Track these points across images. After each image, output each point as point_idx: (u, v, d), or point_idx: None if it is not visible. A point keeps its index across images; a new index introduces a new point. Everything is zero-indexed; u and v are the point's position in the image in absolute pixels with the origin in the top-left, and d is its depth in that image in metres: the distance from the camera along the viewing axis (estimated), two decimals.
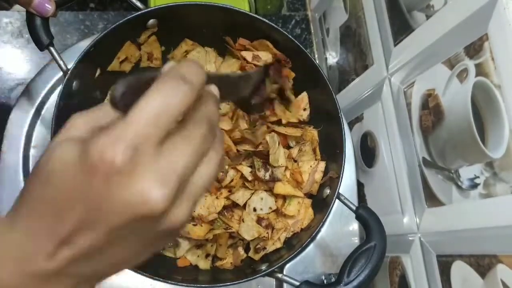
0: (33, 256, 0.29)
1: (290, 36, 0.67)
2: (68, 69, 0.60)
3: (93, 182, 0.27)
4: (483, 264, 0.55)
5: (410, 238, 0.69)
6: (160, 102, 0.28)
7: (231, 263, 0.69)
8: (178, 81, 0.29)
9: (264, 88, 0.57)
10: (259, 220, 0.69)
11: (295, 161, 0.73)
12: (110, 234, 0.28)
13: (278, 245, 0.69)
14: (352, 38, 0.84)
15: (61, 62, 0.60)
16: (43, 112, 0.74)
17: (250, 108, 0.57)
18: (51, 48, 0.60)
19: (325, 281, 0.73)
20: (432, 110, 0.63)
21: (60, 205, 0.28)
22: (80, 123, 0.30)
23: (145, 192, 0.27)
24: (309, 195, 0.71)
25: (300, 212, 0.70)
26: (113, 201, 0.27)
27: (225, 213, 0.70)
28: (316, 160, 0.72)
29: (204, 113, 0.32)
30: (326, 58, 0.97)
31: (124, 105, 0.29)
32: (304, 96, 0.74)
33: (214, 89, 0.36)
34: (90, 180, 0.27)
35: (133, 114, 0.27)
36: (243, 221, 0.68)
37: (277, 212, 0.70)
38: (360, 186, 0.84)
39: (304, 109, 0.74)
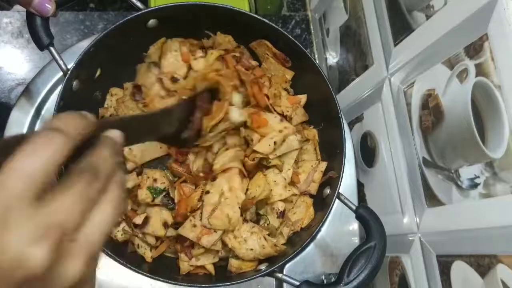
0: None
1: (290, 36, 0.67)
2: (68, 69, 0.60)
3: None
4: (483, 264, 0.55)
5: (410, 238, 0.69)
6: (29, 157, 0.27)
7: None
8: (50, 134, 0.28)
9: (195, 121, 0.57)
10: None
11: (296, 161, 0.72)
12: None
13: (282, 240, 0.69)
14: (352, 38, 0.85)
15: (61, 62, 0.60)
16: (43, 112, 0.74)
17: (181, 143, 0.56)
18: (51, 48, 0.60)
19: (325, 281, 0.73)
20: (432, 110, 0.63)
21: None
22: None
23: (20, 252, 0.25)
24: (309, 195, 0.71)
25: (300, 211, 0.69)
26: None
27: None
28: (317, 160, 0.72)
29: (90, 161, 0.31)
30: (326, 58, 0.97)
31: None
32: (303, 97, 0.74)
33: (113, 133, 0.35)
34: None
35: (2, 174, 0.26)
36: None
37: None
38: (360, 186, 0.84)
39: (297, 107, 0.73)
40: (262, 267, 0.64)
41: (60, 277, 0.27)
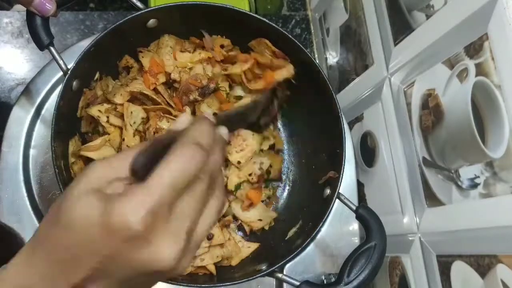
0: None
1: (290, 36, 0.67)
2: (68, 69, 0.60)
3: (111, 241, 0.29)
4: (483, 264, 0.55)
5: (410, 238, 0.69)
6: (177, 170, 0.30)
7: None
8: (193, 149, 0.32)
9: (273, 109, 0.61)
10: None
11: None
12: (120, 285, 0.30)
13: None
14: (352, 38, 0.85)
15: (61, 62, 0.60)
16: (43, 112, 0.74)
17: (258, 128, 0.60)
18: (51, 48, 0.60)
19: (325, 281, 0.73)
20: (432, 110, 0.63)
21: (77, 254, 0.30)
22: (100, 172, 0.32)
23: (159, 252, 0.30)
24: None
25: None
26: (127, 259, 0.29)
27: None
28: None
29: (208, 167, 0.33)
30: (326, 58, 0.97)
31: (142, 172, 0.31)
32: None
33: (223, 131, 0.38)
34: (109, 239, 0.29)
35: (153, 181, 0.30)
36: None
37: None
38: (360, 186, 0.84)
39: None
40: (263, 267, 0.64)
41: (178, 271, 0.32)
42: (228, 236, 0.70)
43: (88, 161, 0.67)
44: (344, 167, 0.65)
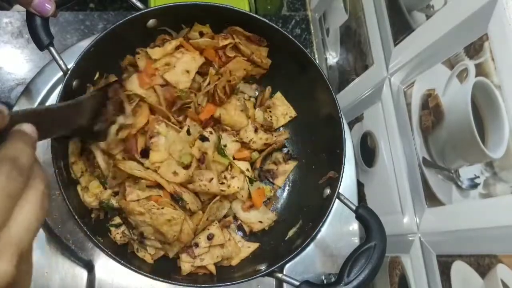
0: None
1: (290, 36, 0.67)
2: (68, 69, 0.60)
3: None
4: (483, 264, 0.55)
5: (410, 238, 0.69)
6: None
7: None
8: None
9: (106, 112, 0.56)
10: None
11: None
12: None
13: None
14: (352, 38, 0.85)
15: (61, 62, 0.60)
16: None
17: (92, 137, 0.55)
18: (51, 48, 0.60)
19: (325, 281, 0.73)
20: (432, 110, 0.63)
21: None
22: None
23: None
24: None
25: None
26: None
27: None
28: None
29: (5, 152, 0.30)
30: (326, 58, 0.97)
31: None
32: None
33: (25, 127, 0.35)
34: None
35: None
36: None
37: None
38: (360, 186, 0.84)
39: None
40: (262, 267, 0.64)
41: None
42: (228, 236, 0.70)
43: (89, 160, 0.67)
44: (344, 167, 0.65)
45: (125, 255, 0.66)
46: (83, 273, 0.69)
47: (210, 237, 0.68)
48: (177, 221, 0.63)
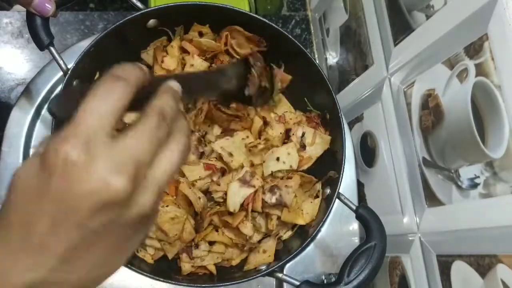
0: (14, 271, 0.29)
1: (290, 36, 0.67)
2: (68, 69, 0.60)
3: (52, 180, 0.28)
4: (483, 264, 0.55)
5: (410, 238, 0.69)
6: (99, 100, 0.30)
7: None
8: (112, 80, 0.32)
9: (253, 76, 0.58)
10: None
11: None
12: (81, 229, 0.29)
13: (290, 233, 0.69)
14: (352, 38, 0.85)
15: (61, 62, 0.60)
16: (43, 112, 0.74)
17: (250, 102, 0.58)
18: (51, 48, 0.60)
19: (325, 281, 0.73)
20: (432, 110, 0.63)
21: (27, 213, 0.29)
22: (42, 143, 0.31)
23: (104, 179, 0.28)
24: None
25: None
26: (75, 194, 0.28)
27: None
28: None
29: (154, 106, 0.33)
30: (326, 58, 0.97)
31: (68, 116, 0.30)
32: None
33: (172, 83, 0.38)
34: (49, 179, 0.28)
35: (77, 115, 0.29)
36: None
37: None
38: (360, 186, 0.84)
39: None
40: (263, 267, 0.64)
41: (134, 206, 0.30)
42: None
43: None
44: (344, 167, 0.65)
45: None
46: None
47: (211, 243, 0.68)
48: (179, 220, 0.63)
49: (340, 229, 0.77)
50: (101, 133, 0.29)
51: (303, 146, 0.71)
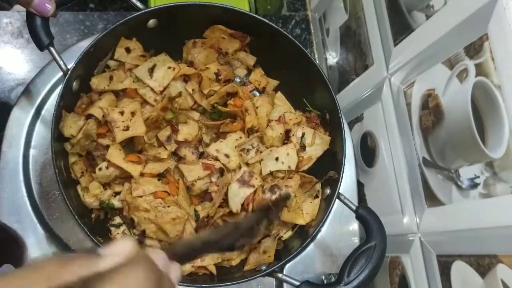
0: None
1: (290, 36, 0.67)
2: (68, 69, 0.60)
3: None
4: (483, 264, 0.55)
5: (410, 238, 0.69)
6: None
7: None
8: None
9: (257, 231, 0.51)
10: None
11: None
12: None
13: (290, 233, 0.69)
14: (352, 38, 0.85)
15: (61, 62, 0.60)
16: (43, 112, 0.74)
17: (228, 250, 0.52)
18: (51, 48, 0.60)
19: (325, 281, 0.73)
20: (432, 110, 0.63)
21: None
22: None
23: None
24: None
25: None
26: None
27: None
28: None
29: None
30: (326, 58, 0.97)
31: None
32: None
33: (173, 270, 0.34)
34: None
35: None
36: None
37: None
38: (360, 186, 0.84)
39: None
40: (263, 267, 0.64)
41: None
42: None
43: (90, 160, 0.67)
44: (344, 167, 0.65)
45: None
46: None
47: None
48: (181, 220, 0.63)
49: (340, 229, 0.77)
50: None
51: (303, 147, 0.71)
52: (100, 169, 0.64)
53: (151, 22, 0.67)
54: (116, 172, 0.65)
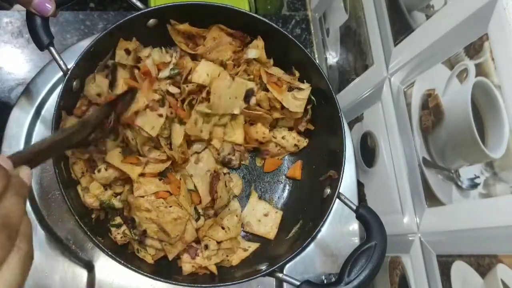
0: None
1: (290, 36, 0.67)
2: (68, 69, 0.60)
3: None
4: (483, 264, 0.55)
5: (410, 238, 0.69)
6: None
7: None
8: None
9: (107, 123, 0.55)
10: None
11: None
12: None
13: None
14: (352, 38, 0.85)
15: (61, 62, 0.60)
16: (43, 112, 0.74)
17: (86, 143, 0.54)
18: (51, 48, 0.60)
19: (325, 281, 0.73)
20: (432, 110, 0.63)
21: None
22: None
23: None
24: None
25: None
26: None
27: None
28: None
29: None
30: (326, 58, 0.97)
31: None
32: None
33: (23, 173, 0.34)
34: None
35: None
36: None
37: None
38: (360, 186, 0.84)
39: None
40: (263, 267, 0.64)
41: None
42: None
43: (90, 162, 0.67)
44: (344, 167, 0.65)
45: (125, 255, 0.66)
46: (83, 273, 0.69)
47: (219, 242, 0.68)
48: (182, 221, 0.63)
49: (340, 229, 0.77)
50: None
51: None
52: (99, 170, 0.64)
53: (151, 22, 0.67)
54: (116, 174, 0.65)
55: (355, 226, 0.77)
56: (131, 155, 0.66)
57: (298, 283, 0.58)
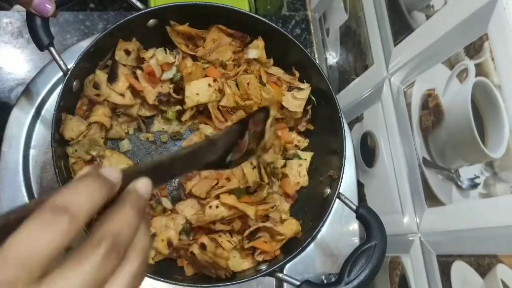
0: None
1: (290, 36, 0.67)
2: (68, 69, 0.60)
3: None
4: (483, 264, 0.55)
5: (410, 238, 0.69)
6: (27, 241, 0.25)
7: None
8: (52, 215, 0.26)
9: (242, 143, 0.51)
10: None
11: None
12: None
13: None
14: (352, 38, 0.85)
15: (61, 62, 0.60)
16: (43, 112, 0.74)
17: (225, 166, 0.50)
18: (51, 48, 0.60)
19: (325, 281, 0.73)
20: (432, 110, 0.63)
21: None
22: None
23: None
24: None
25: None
26: None
27: None
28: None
29: (109, 228, 0.28)
30: (326, 58, 0.97)
31: None
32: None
33: (141, 184, 0.32)
34: None
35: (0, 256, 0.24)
36: None
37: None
38: (360, 186, 0.84)
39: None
40: (263, 267, 0.64)
41: None
42: None
43: (90, 162, 0.67)
44: (344, 167, 0.65)
45: None
46: None
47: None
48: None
49: (340, 229, 0.77)
50: (24, 280, 0.24)
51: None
52: (210, 207, 0.65)
53: (151, 22, 0.67)
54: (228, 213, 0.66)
55: (355, 226, 0.77)
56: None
57: (298, 283, 0.58)
